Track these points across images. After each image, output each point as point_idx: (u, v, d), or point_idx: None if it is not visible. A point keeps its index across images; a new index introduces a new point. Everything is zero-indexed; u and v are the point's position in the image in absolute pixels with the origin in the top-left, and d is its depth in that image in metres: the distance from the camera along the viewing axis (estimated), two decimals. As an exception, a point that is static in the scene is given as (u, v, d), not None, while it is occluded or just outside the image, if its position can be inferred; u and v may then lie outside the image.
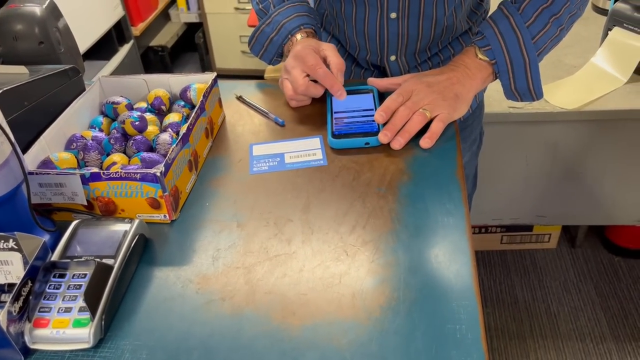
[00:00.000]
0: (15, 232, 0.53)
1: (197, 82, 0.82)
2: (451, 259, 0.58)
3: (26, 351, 0.52)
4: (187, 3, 3.20)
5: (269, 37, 0.90)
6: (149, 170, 0.63)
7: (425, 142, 0.75)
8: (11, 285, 0.57)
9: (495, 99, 1.31)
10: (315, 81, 0.82)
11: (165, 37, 3.13)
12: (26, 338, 0.52)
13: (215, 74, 0.82)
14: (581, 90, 1.36)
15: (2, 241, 0.52)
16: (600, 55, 1.42)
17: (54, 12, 0.82)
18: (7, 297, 0.56)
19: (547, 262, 1.92)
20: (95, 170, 0.64)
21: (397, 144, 0.75)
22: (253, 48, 0.94)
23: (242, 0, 2.98)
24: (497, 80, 0.84)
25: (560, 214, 1.59)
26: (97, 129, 0.79)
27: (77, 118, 0.77)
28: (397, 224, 0.63)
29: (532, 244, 1.95)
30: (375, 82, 0.85)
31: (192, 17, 3.22)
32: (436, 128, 0.76)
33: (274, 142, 0.79)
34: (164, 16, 3.20)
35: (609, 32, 1.42)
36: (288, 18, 0.88)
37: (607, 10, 1.54)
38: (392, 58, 0.92)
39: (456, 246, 0.60)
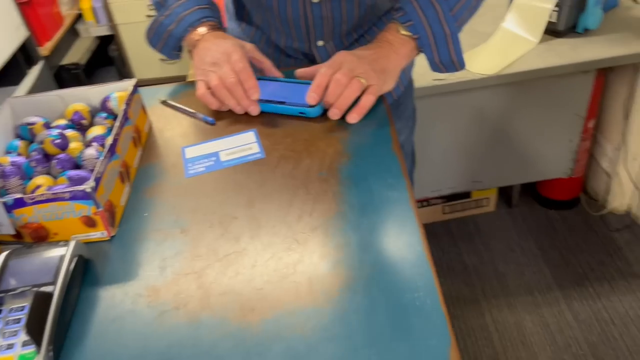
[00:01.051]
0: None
1: (116, 90, 0.79)
2: (400, 231, 0.59)
3: (-31, 399, 0.48)
4: (96, 16, 3.07)
5: (167, 30, 0.87)
6: (78, 188, 0.59)
7: (352, 117, 0.75)
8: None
9: (419, 73, 1.34)
10: None
11: (78, 54, 2.99)
12: (-33, 385, 0.48)
13: (135, 79, 0.78)
14: (497, 55, 1.41)
15: None
16: (510, 19, 1.48)
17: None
18: (-61, 345, 0.51)
19: (488, 225, 1.99)
20: (19, 195, 0.60)
21: (334, 115, 0.76)
22: (151, 40, 0.91)
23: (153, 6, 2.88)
24: (420, 54, 0.86)
25: (494, 176, 1.65)
26: (14, 153, 0.74)
27: (-10, 145, 0.72)
28: (343, 206, 0.63)
29: (473, 210, 2.01)
30: (304, 71, 0.85)
31: (103, 30, 3.10)
32: (366, 102, 0.76)
33: (206, 142, 0.77)
34: (73, 32, 3.05)
35: (515, -3, 1.49)
36: (188, 10, 0.85)
37: (511, -23, 1.61)
38: (320, 43, 0.91)
39: (403, 218, 0.60)
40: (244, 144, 0.75)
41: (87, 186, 0.59)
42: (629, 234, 1.87)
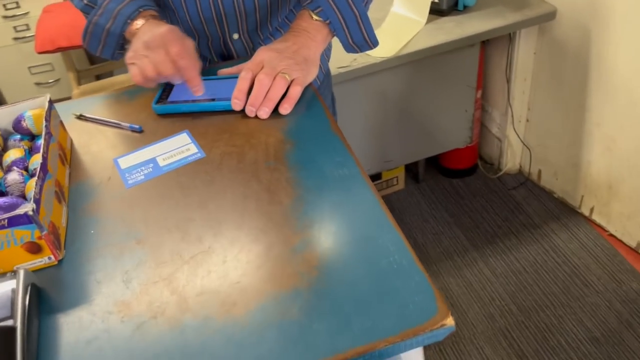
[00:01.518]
0: None
1: (28, 109, 0.73)
2: (360, 204, 0.61)
3: None
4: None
5: (104, 29, 0.82)
6: (16, 212, 0.55)
7: (284, 108, 0.76)
8: None
9: (324, 63, 1.37)
10: None
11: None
12: None
13: (48, 95, 0.73)
14: (392, 38, 1.48)
15: None
16: (398, 3, 1.56)
17: None
18: None
19: (401, 202, 2.08)
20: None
21: (263, 114, 0.75)
22: (90, 44, 0.84)
23: (20, 28, 2.68)
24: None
25: (403, 154, 1.74)
26: None
27: None
28: (299, 189, 0.64)
29: (385, 190, 2.10)
30: (227, 71, 0.84)
31: (-39, 58, 2.81)
32: (294, 92, 0.77)
33: (139, 150, 0.74)
34: None
35: (399, -17, 1.57)
36: (122, 4, 0.80)
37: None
38: (235, 36, 0.90)
39: (360, 191, 0.62)
40: (179, 146, 0.73)
41: (28, 209, 0.55)
42: (524, 190, 2.05)
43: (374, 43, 0.89)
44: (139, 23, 0.80)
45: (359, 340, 0.48)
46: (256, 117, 0.76)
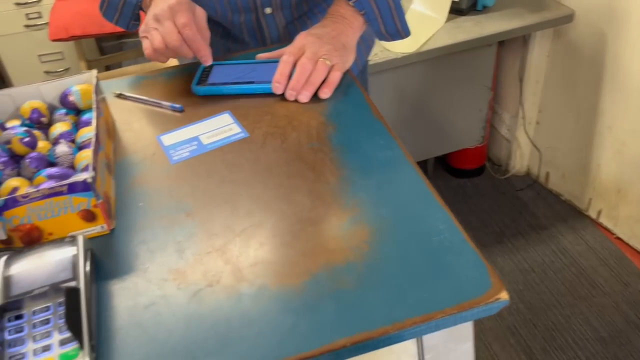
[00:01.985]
0: (-45, 280, 0.44)
1: (75, 84, 0.74)
2: (406, 184, 0.62)
3: (8, 412, 0.44)
4: (-39, 30, 2.77)
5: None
6: (78, 178, 0.56)
7: (324, 92, 0.77)
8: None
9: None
10: None
11: (-55, 73, 2.69)
12: (6, 396, 0.44)
13: (95, 70, 0.74)
14: (412, 35, 1.50)
15: (-59, 295, 0.43)
16: (418, 2, 1.58)
17: None
18: (-47, 365, 0.46)
19: (410, 200, 2.10)
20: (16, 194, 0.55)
21: (304, 97, 0.77)
22: (106, 13, 0.86)
23: (32, 15, 2.68)
24: None
25: (415, 152, 1.75)
26: (-32, 160, 0.67)
27: (-60, 153, 0.65)
28: (344, 170, 0.65)
29: (394, 188, 2.11)
30: (266, 56, 0.85)
31: (-28, 45, 2.81)
32: (334, 78, 0.78)
33: (182, 128, 0.75)
34: (-64, 49, 2.74)
35: (419, -19, 1.59)
36: None
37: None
38: (268, 11, 0.91)
39: (405, 172, 0.64)
40: (222, 126, 0.75)
41: (88, 176, 0.56)
42: (531, 192, 2.07)
43: (405, 32, 0.91)
44: None
45: (416, 310, 0.49)
46: (296, 100, 0.78)
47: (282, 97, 0.79)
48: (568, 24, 1.61)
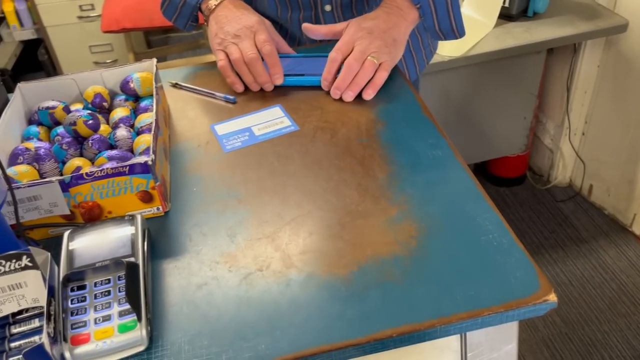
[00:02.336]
0: (28, 248, 0.47)
1: (136, 71, 0.77)
2: (456, 183, 0.63)
3: (69, 375, 0.47)
4: (19, 20, 2.89)
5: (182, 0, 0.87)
6: (139, 160, 0.58)
7: (368, 93, 0.78)
8: (18, 314, 0.50)
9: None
10: None
11: (2, 60, 2.80)
12: (67, 359, 0.46)
13: (155, 59, 0.77)
14: (459, 39, 1.49)
15: (14, 260, 0.46)
16: (467, 5, 1.57)
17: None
18: (19, 328, 0.49)
19: (447, 205, 2.08)
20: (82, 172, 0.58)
21: (348, 97, 0.77)
22: (165, 12, 0.90)
23: (85, 7, 2.77)
24: None
25: (456, 156, 1.74)
26: (34, 139, 0.70)
27: (10, 131, 0.69)
28: (393, 166, 0.66)
29: (431, 192, 2.10)
30: (313, 28, 0.84)
31: (28, 34, 2.92)
32: (380, 78, 0.78)
33: (235, 119, 0.77)
34: (-5, 37, 2.86)
35: (470, -15, 1.58)
36: None
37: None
38: (328, 8, 0.92)
39: (455, 172, 0.64)
40: (273, 118, 0.76)
41: (148, 159, 0.58)
42: (573, 204, 2.03)
43: (460, 32, 0.89)
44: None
45: (462, 306, 0.49)
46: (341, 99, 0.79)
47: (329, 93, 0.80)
48: (621, 34, 1.57)
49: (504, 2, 1.53)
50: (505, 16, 1.55)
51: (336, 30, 0.82)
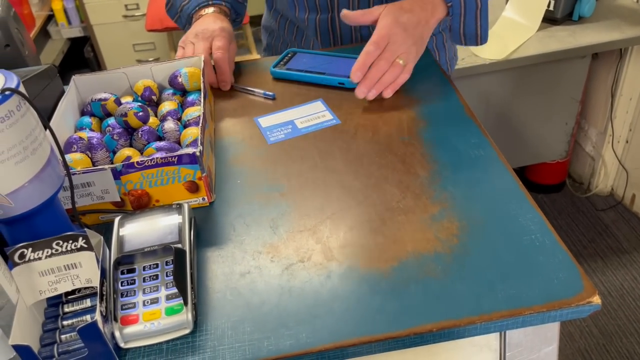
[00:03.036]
0: (84, 229, 0.49)
1: (184, 66, 0.79)
2: (498, 182, 0.62)
3: (117, 353, 0.49)
4: (67, 17, 2.99)
5: (181, 5, 0.94)
6: (187, 151, 0.60)
7: (388, 92, 0.78)
8: (71, 293, 0.52)
9: (433, 59, 1.39)
10: None
11: (50, 56, 2.91)
12: (117, 338, 0.48)
13: (203, 55, 0.79)
14: (502, 41, 1.48)
15: (71, 241, 0.48)
16: (510, 8, 1.55)
17: (12, 13, 0.75)
18: (71, 307, 0.51)
19: (482, 210, 2.06)
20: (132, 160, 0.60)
21: (371, 95, 0.78)
22: (169, 11, 0.98)
23: (131, 7, 2.85)
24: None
25: (494, 161, 1.72)
26: (87, 129, 0.73)
27: (65, 121, 0.71)
28: (435, 164, 0.66)
29: (467, 197, 2.08)
30: (350, 15, 0.83)
31: (75, 32, 3.02)
32: (402, 80, 0.79)
33: (278, 112, 0.79)
34: (44, 34, 2.97)
35: (513, -12, 1.56)
36: None
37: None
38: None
39: (497, 172, 0.64)
40: (315, 112, 0.78)
41: (197, 150, 0.60)
42: (614, 213, 1.98)
43: (483, 39, 0.88)
44: (208, 10, 0.90)
45: (503, 304, 0.49)
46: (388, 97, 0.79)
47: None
48: (671, 40, 1.53)
49: (548, 5, 1.51)
50: (550, 19, 1.53)
51: (374, 16, 0.81)
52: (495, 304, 0.49)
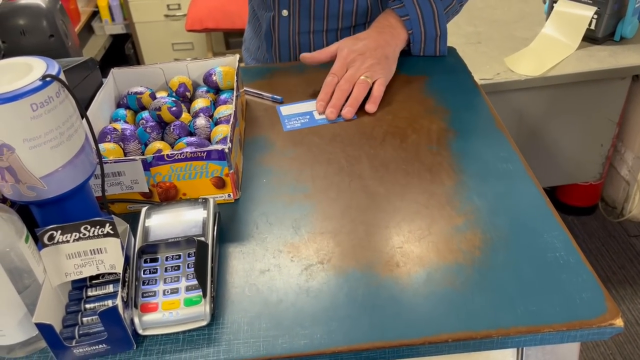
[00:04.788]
0: (112, 216, 0.50)
1: (219, 65, 0.81)
2: (525, 198, 0.62)
3: (135, 339, 0.50)
4: (111, 14, 3.08)
5: None
6: (216, 147, 0.61)
7: (371, 106, 0.79)
8: (95, 278, 0.54)
9: (467, 72, 1.38)
10: None
11: (92, 51, 2.99)
12: (136, 324, 0.49)
13: (237, 55, 0.80)
14: (539, 58, 1.46)
15: (98, 227, 0.49)
16: (550, 25, 1.53)
17: (59, 6, 0.77)
18: (94, 291, 0.53)
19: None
20: (162, 153, 0.61)
21: (347, 113, 0.78)
22: None
23: (172, 7, 2.91)
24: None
25: (525, 178, 1.69)
26: (121, 121, 0.75)
27: (101, 111, 0.74)
28: (462, 175, 0.66)
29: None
30: (309, 57, 0.85)
31: (118, 29, 3.10)
32: (377, 92, 0.80)
33: (300, 103, 0.83)
34: (87, 29, 3.06)
35: (554, 5, 1.54)
36: None
37: (543, -13, 1.68)
38: (285, 13, 0.94)
39: (525, 186, 0.63)
40: (345, 120, 0.79)
41: (225, 147, 0.61)
42: (647, 240, 1.93)
43: (442, 54, 0.89)
44: None
45: (522, 320, 0.49)
46: (419, 104, 0.79)
47: (403, 99, 0.81)
48: None
49: (589, 24, 1.48)
50: (590, 39, 1.50)
51: (331, 51, 0.84)
52: (514, 319, 0.49)
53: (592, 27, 1.49)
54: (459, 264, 0.55)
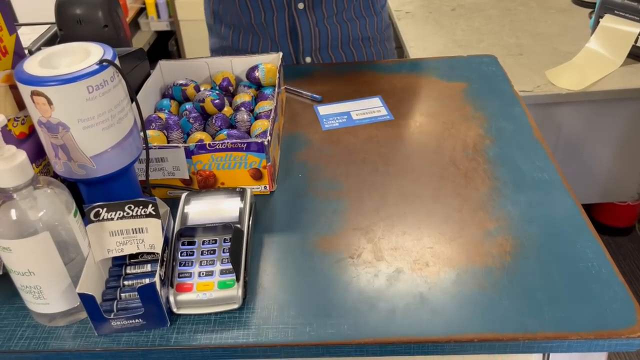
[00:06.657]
0: (155, 198, 0.52)
1: (263, 61, 0.83)
2: (559, 207, 0.61)
3: (169, 317, 0.52)
4: (158, 11, 3.16)
5: None
6: (256, 139, 0.63)
7: None
8: (134, 257, 0.56)
9: (507, 83, 1.37)
10: None
11: (138, 46, 3.07)
12: (171, 303, 0.51)
13: (281, 53, 0.82)
14: (582, 73, 1.44)
15: (141, 207, 0.51)
16: (595, 40, 1.51)
17: (113, -4, 0.81)
18: (133, 269, 0.55)
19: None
20: (205, 142, 0.64)
21: None
22: None
23: (217, 6, 2.96)
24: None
25: (560, 194, 1.66)
26: (166, 111, 0.78)
27: (147, 100, 0.76)
28: (496, 182, 0.66)
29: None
30: None
31: (163, 26, 3.18)
32: None
33: (337, 103, 0.84)
34: (134, 25, 3.14)
35: (600, 20, 1.52)
36: None
37: (587, 3, 1.67)
38: (300, 6, 0.95)
39: (560, 196, 0.63)
40: (371, 107, 0.83)
41: (265, 140, 0.63)
42: (685, 266, 1.87)
43: None
44: None
45: (550, 326, 0.49)
46: (456, 110, 0.79)
47: (442, 104, 0.81)
48: None
49: (636, 41, 1.46)
50: (636, 55, 1.47)
51: None
52: (541, 324, 0.49)
53: (638, 44, 1.46)
54: (488, 267, 0.55)
